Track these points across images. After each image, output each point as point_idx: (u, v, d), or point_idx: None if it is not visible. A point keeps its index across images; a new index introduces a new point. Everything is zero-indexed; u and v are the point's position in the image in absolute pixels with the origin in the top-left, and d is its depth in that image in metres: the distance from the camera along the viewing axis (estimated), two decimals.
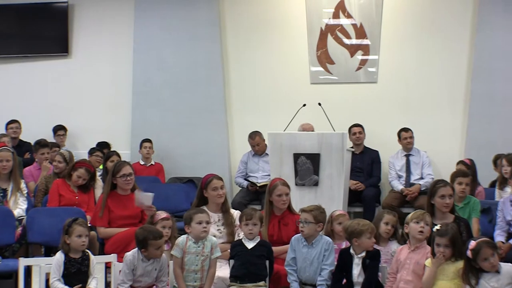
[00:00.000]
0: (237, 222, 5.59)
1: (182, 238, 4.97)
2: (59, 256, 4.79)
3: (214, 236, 5.34)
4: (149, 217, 5.54)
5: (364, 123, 8.89)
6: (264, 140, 8.74)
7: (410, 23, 9.41)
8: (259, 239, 5.15)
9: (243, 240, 5.13)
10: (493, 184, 7.67)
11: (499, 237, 6.01)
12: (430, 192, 5.42)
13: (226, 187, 5.99)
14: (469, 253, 4.39)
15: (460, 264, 4.49)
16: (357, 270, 4.83)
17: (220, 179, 5.85)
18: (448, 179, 6.40)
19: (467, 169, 7.45)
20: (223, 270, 5.25)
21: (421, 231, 4.79)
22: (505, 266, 4.42)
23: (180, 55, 9.83)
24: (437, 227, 4.65)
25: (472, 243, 4.41)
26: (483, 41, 8.99)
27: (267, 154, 8.53)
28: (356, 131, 8.78)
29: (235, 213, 5.81)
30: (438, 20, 9.30)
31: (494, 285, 4.33)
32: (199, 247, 4.92)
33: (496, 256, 4.39)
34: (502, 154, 7.30)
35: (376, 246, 5.07)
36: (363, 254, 4.84)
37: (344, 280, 4.90)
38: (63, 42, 10.21)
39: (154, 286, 4.94)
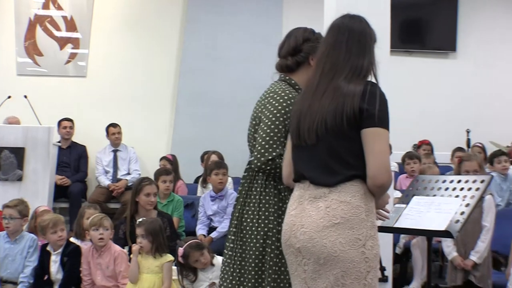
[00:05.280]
0: None
1: None
2: None
3: None
4: None
5: (74, 118, 8.76)
6: None
7: (122, 19, 9.52)
8: None
9: None
10: (197, 180, 8.00)
11: (200, 230, 6.33)
12: (135, 190, 5.47)
13: None
14: (180, 259, 4.60)
15: (164, 259, 4.64)
16: (55, 268, 4.82)
17: None
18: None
19: (170, 164, 7.79)
20: None
21: (101, 238, 4.82)
22: (219, 258, 4.64)
23: None
24: (140, 220, 4.78)
25: (180, 251, 4.62)
26: (190, 40, 9.41)
27: None
28: (65, 125, 8.63)
29: None
30: (149, 18, 9.54)
31: (210, 276, 4.61)
32: None
33: (206, 253, 4.64)
34: (209, 151, 7.73)
35: (78, 242, 5.10)
36: (60, 250, 4.83)
37: (46, 277, 4.86)
38: None
39: None
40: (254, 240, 3.10)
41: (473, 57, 9.98)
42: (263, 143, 3.06)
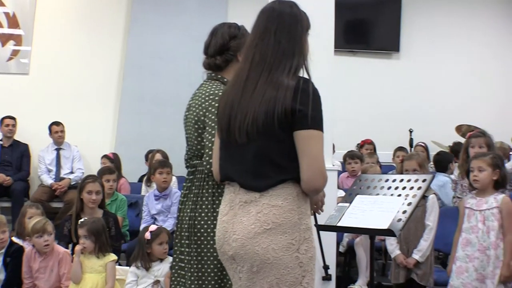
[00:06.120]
0: None
1: None
2: None
3: None
4: None
5: (16, 115, 8.58)
6: None
7: (65, 16, 9.38)
8: None
9: None
10: (141, 179, 7.94)
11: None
12: (79, 188, 5.40)
13: None
14: (147, 234, 4.59)
15: (108, 258, 4.61)
16: None
17: None
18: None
19: (111, 162, 7.72)
20: None
21: (46, 245, 4.73)
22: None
23: None
24: (82, 220, 4.73)
25: (153, 226, 4.69)
26: (134, 39, 9.35)
27: None
28: (8, 123, 8.46)
29: None
30: (93, 16, 9.43)
31: (155, 274, 4.61)
32: None
33: (167, 245, 4.66)
34: (154, 150, 7.67)
35: (20, 242, 5.01)
36: (3, 251, 4.75)
37: None
38: None
39: None
40: (211, 242, 3.05)
41: (416, 58, 10.15)
42: (213, 147, 3.00)
